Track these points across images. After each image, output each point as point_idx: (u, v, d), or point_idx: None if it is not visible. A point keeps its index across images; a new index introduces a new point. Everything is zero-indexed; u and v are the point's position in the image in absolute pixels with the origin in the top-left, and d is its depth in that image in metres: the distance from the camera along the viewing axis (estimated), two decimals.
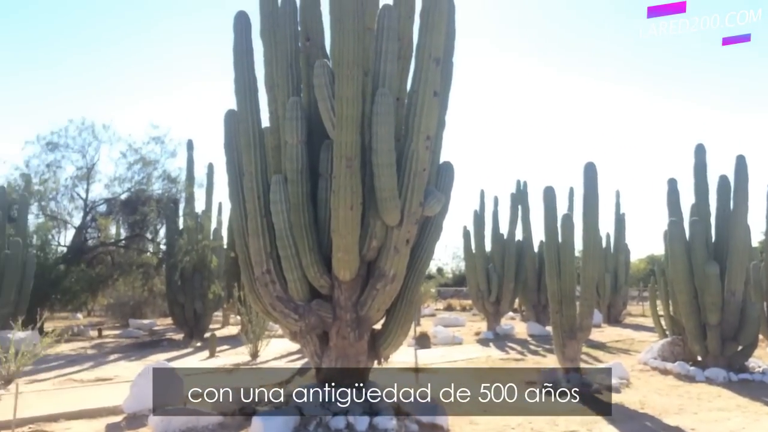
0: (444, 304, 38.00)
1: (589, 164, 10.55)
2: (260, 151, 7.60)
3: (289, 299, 7.54)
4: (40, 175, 21.34)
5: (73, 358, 15.07)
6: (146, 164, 21.91)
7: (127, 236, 23.02)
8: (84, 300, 22.52)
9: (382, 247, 7.32)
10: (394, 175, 6.93)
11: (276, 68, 7.60)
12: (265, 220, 7.48)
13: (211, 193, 20.91)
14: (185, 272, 19.46)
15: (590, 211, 10.57)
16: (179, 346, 17.85)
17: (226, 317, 25.91)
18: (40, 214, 21.52)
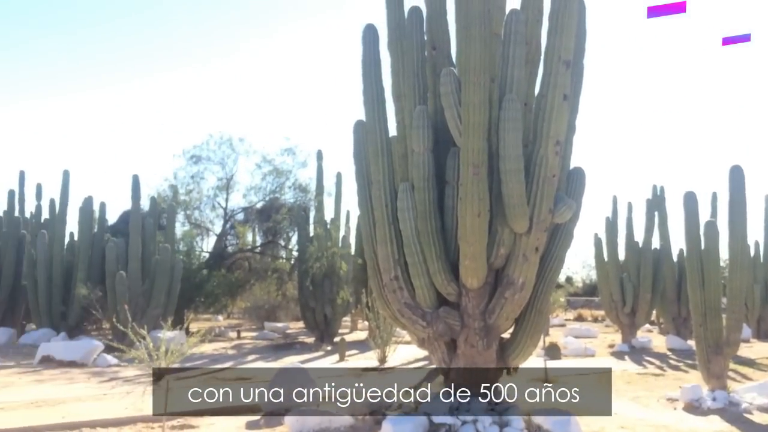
0: (574, 315, 36.71)
1: (736, 167, 9.83)
2: (388, 159, 7.74)
3: (416, 306, 7.61)
4: (185, 186, 23.03)
5: (215, 357, 16.04)
6: (279, 174, 23.03)
7: (262, 243, 24.25)
8: (224, 303, 23.96)
9: (510, 255, 7.21)
10: (522, 181, 6.82)
11: (403, 78, 7.72)
12: (392, 227, 7.59)
13: (340, 202, 21.56)
14: (316, 278, 20.17)
15: (737, 218, 9.85)
16: (311, 349, 18.50)
17: (354, 322, 26.53)
18: (186, 222, 23.21)
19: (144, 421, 8.56)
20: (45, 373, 12.92)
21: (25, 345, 17.89)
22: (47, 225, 20.51)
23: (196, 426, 8.29)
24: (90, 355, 14.24)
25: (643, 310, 20.44)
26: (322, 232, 20.28)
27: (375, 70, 7.81)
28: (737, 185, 9.82)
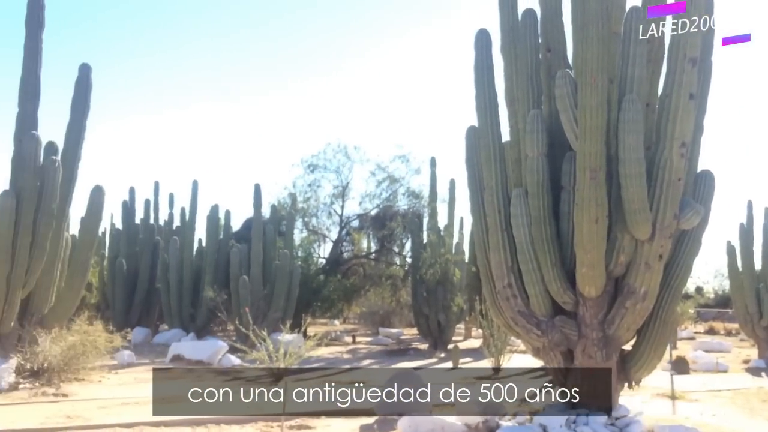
0: (705, 327, 34.41)
1: None
2: (501, 165, 7.64)
3: (531, 314, 7.44)
4: (303, 194, 23.86)
5: (331, 361, 16.43)
6: (393, 182, 23.32)
7: (377, 249, 24.62)
8: (340, 308, 24.53)
9: (631, 263, 6.90)
10: (643, 185, 6.51)
11: (516, 82, 7.60)
12: (506, 233, 7.48)
13: (453, 208, 21.48)
14: (429, 285, 20.19)
15: None
16: (424, 355, 18.52)
17: (468, 330, 26.32)
18: (304, 229, 24.03)
19: (264, 420, 8.91)
20: (176, 370, 13.75)
21: (158, 344, 19.15)
22: (178, 232, 21.94)
23: (312, 427, 8.54)
24: (216, 355, 15.01)
25: None
26: (435, 238, 20.30)
27: (488, 75, 7.75)
28: None
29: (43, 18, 11.33)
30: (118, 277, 21.69)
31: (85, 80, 11.84)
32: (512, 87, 7.66)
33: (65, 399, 9.72)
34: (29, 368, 10.68)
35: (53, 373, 10.71)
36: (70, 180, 11.58)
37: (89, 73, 11.94)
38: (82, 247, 12.31)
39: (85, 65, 11.93)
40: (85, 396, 9.99)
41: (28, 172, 10.93)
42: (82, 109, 11.74)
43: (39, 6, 11.27)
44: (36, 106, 11.39)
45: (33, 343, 10.81)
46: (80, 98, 11.75)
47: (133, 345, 17.31)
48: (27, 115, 11.30)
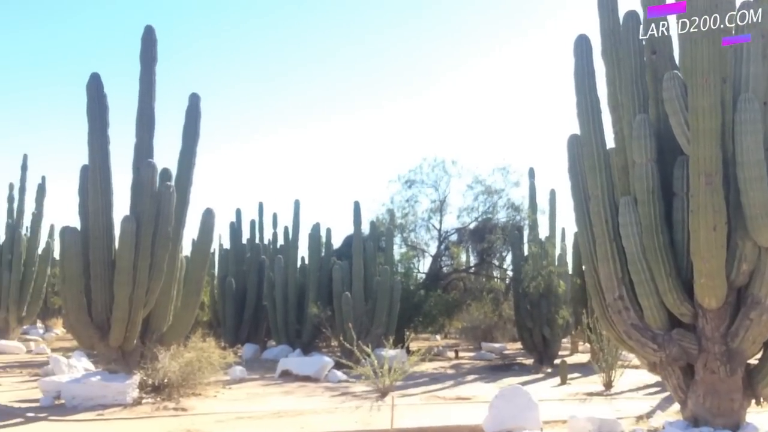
0: None
1: None
2: (606, 173, 7.42)
3: (645, 327, 7.15)
4: (401, 209, 24.03)
5: (435, 377, 16.37)
6: (491, 194, 23.07)
7: (476, 263, 24.38)
8: (441, 323, 24.43)
9: (754, 271, 6.51)
10: (765, 189, 6.14)
11: (619, 87, 7.37)
12: (614, 244, 7.24)
13: (555, 219, 20.98)
14: (532, 298, 19.77)
15: None
16: (529, 371, 18.11)
17: (574, 344, 25.51)
18: (403, 244, 24.16)
19: None
20: (284, 386, 14.14)
21: (267, 360, 19.76)
22: (282, 250, 22.65)
23: None
24: (322, 370, 15.32)
25: None
26: (537, 250, 19.89)
27: (589, 81, 7.57)
28: None
29: (156, 52, 12.12)
30: (227, 296, 22.64)
31: (194, 109, 12.53)
32: (615, 92, 7.44)
33: (185, 413, 10.20)
34: (150, 384, 11.29)
35: (173, 389, 11.26)
36: (183, 204, 12.25)
37: (198, 102, 12.62)
38: (195, 267, 12.96)
39: (194, 95, 12.63)
40: (202, 410, 10.45)
41: (146, 198, 11.65)
42: (192, 137, 12.43)
43: (152, 41, 12.07)
44: (151, 135, 12.15)
45: (153, 360, 11.43)
46: (191, 126, 12.45)
47: (243, 361, 17.96)
48: (143, 145, 12.07)
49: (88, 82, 11.80)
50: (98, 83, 11.82)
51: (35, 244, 23.37)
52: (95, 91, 11.75)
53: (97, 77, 11.85)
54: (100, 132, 11.72)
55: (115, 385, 10.73)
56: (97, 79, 11.84)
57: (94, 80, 11.81)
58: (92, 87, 11.76)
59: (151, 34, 12.07)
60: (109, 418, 9.76)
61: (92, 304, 11.42)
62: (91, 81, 11.79)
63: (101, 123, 11.75)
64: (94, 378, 11.00)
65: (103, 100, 11.79)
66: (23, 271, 22.98)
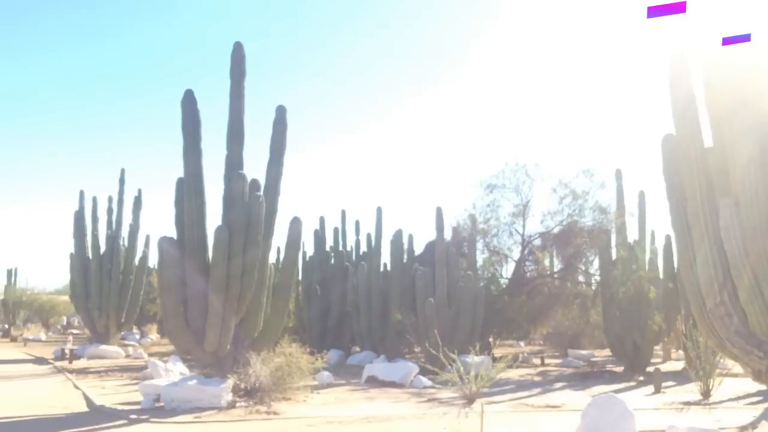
0: None
1: None
2: (705, 174, 7.13)
3: (750, 334, 6.82)
4: (483, 214, 23.83)
5: (521, 384, 16.12)
6: (576, 197, 22.55)
7: (562, 268, 23.86)
8: (526, 329, 24.03)
9: None
10: None
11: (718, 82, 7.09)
12: (715, 247, 6.95)
13: (644, 222, 20.27)
14: (622, 303, 19.16)
15: None
16: (620, 378, 17.55)
17: (666, 351, 24.54)
18: (485, 249, 23.95)
19: None
20: (371, 391, 14.27)
21: (351, 365, 20.02)
22: (365, 257, 22.94)
23: None
24: (408, 376, 15.37)
25: None
26: (625, 254, 19.27)
27: (685, 77, 7.32)
28: None
29: (245, 67, 12.59)
30: (312, 302, 23.11)
31: (281, 120, 12.92)
32: (714, 88, 7.15)
33: (276, 417, 10.48)
34: (243, 387, 11.66)
35: (264, 393, 11.59)
36: (271, 213, 12.63)
37: (285, 114, 13.01)
38: (284, 274, 13.33)
39: (281, 107, 13.03)
40: (293, 414, 10.70)
41: (237, 208, 12.09)
42: (279, 148, 12.82)
43: (241, 57, 12.54)
44: (241, 147, 12.62)
45: (246, 365, 11.80)
46: (278, 137, 12.85)
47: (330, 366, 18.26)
48: (234, 157, 12.54)
49: (183, 98, 12.40)
50: (192, 99, 12.38)
51: (132, 254, 24.59)
52: (189, 107, 12.32)
53: (191, 94, 12.42)
54: (193, 146, 12.26)
55: (211, 389, 11.13)
56: (191, 96, 12.40)
57: (188, 96, 12.38)
58: (187, 103, 12.34)
59: (240, 51, 12.56)
60: (206, 420, 10.14)
61: (188, 311, 11.90)
62: (186, 97, 12.37)
63: (195, 137, 12.29)
64: (191, 382, 11.45)
65: (196, 115, 12.35)
66: (121, 280, 24.24)
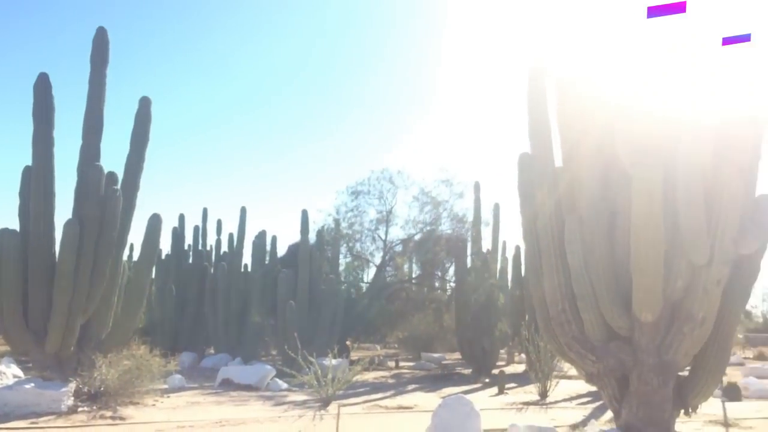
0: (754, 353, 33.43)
1: None
2: (554, 191, 7.71)
3: (585, 340, 7.44)
4: (347, 219, 24.18)
5: (376, 386, 16.47)
6: (436, 206, 23.49)
7: (420, 274, 24.72)
8: (384, 333, 24.63)
9: (688, 288, 6.87)
10: (702, 209, 6.51)
11: (569, 108, 7.69)
12: (560, 259, 7.52)
13: (498, 233, 21.51)
14: (473, 309, 20.17)
15: None
16: (468, 380, 18.43)
17: (510, 355, 26.11)
18: (348, 254, 24.29)
19: None
20: (225, 395, 13.97)
21: (205, 368, 19.46)
22: (226, 257, 22.42)
23: None
24: (264, 379, 15.20)
25: None
26: (479, 263, 20.32)
27: (540, 102, 7.87)
28: None
29: (108, 55, 11.89)
30: (167, 302, 22.20)
31: (144, 113, 12.34)
32: (565, 113, 7.75)
33: (122, 422, 9.99)
34: (87, 391, 11.01)
35: (110, 397, 11.02)
36: (129, 209, 12.01)
37: (149, 106, 12.44)
38: (139, 273, 12.72)
39: (145, 98, 12.43)
40: (141, 419, 10.24)
41: (91, 201, 11.38)
42: (141, 141, 12.22)
43: (104, 43, 11.83)
44: (99, 138, 11.89)
45: (91, 368, 11.15)
46: (140, 130, 12.25)
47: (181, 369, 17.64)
48: (90, 148, 11.80)
49: (36, 81, 11.50)
50: (46, 84, 11.53)
51: None
52: (42, 92, 11.46)
53: (45, 77, 11.56)
54: (44, 134, 11.43)
55: (50, 393, 10.41)
56: (45, 80, 11.54)
57: (42, 80, 11.50)
58: (39, 87, 11.46)
59: (103, 36, 11.83)
60: (43, 426, 9.47)
61: (29, 309, 11.06)
62: (39, 81, 11.48)
63: (47, 125, 11.46)
64: (28, 385, 10.64)
65: (50, 101, 11.51)
66: None
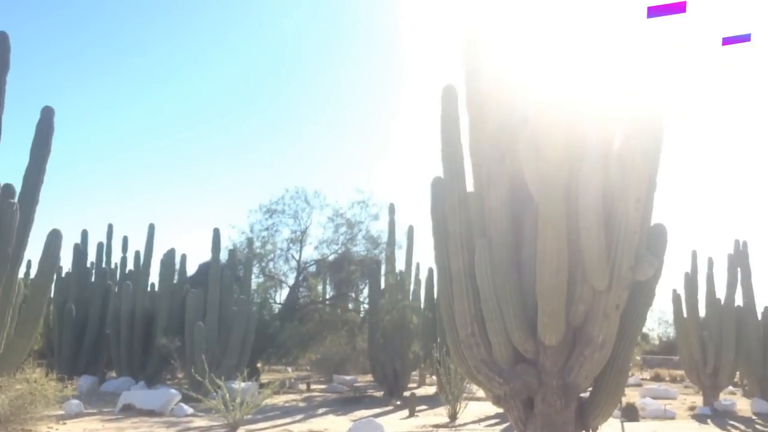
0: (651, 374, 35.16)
1: None
2: (465, 215, 7.86)
3: (493, 362, 7.57)
4: (261, 238, 23.80)
5: (286, 410, 16.19)
6: (351, 227, 23.51)
7: (333, 295, 24.60)
8: (296, 355, 24.27)
9: (589, 312, 7.13)
10: (602, 238, 6.79)
11: (480, 136, 7.87)
12: (470, 282, 7.65)
13: (411, 255, 21.73)
14: (386, 331, 20.23)
15: None
16: (380, 403, 18.42)
17: (422, 377, 26.31)
18: (261, 274, 23.88)
19: None
20: (126, 421, 13.36)
21: (106, 392, 18.54)
22: (131, 276, 21.50)
23: None
24: (168, 404, 14.63)
25: (725, 371, 19.47)
26: (393, 284, 20.44)
27: (453, 128, 8.03)
28: None
29: (8, 60, 11.20)
30: (66, 323, 21.00)
31: (46, 122, 11.68)
32: (477, 140, 7.93)
33: None
34: None
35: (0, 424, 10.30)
36: (26, 223, 11.28)
37: (52, 116, 11.78)
38: (36, 292, 11.95)
39: (47, 108, 11.77)
40: None
41: None
42: (42, 153, 11.53)
43: (5, 48, 11.15)
44: None
45: None
46: (41, 141, 11.56)
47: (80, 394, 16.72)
48: None
49: None
50: None
51: None
52: None
53: None
54: None
55: None
56: None
57: None
58: None
59: (5, 41, 11.13)
60: None
61: None
62: None
63: None
64: None
65: None
66: None
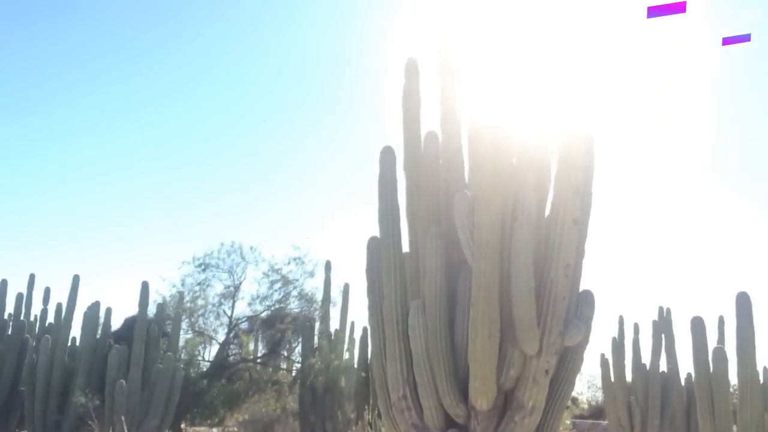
0: None
1: (743, 294, 9.94)
2: (400, 276, 7.88)
3: (424, 427, 7.49)
4: (192, 292, 23.11)
5: None
6: (286, 283, 23.15)
7: (265, 353, 23.97)
8: (223, 415, 23.37)
9: (520, 377, 7.18)
10: (533, 303, 6.91)
11: (417, 198, 7.99)
12: (403, 344, 7.61)
13: (346, 313, 21.47)
14: (317, 391, 19.78)
15: (746, 344, 9.86)
16: None
17: None
18: (190, 329, 23.09)
19: None
20: None
21: None
22: (51, 329, 20.40)
23: None
24: None
25: None
26: (326, 343, 20.12)
27: (391, 189, 8.12)
28: (744, 312, 9.91)
29: None
30: None
31: None
32: (414, 202, 8.04)
33: None
34: None
35: None
36: None
37: None
38: None
39: None
40: None
41: None
42: None
43: None
44: None
45: None
46: None
47: None
48: None
49: None
50: None
51: None
52: None
53: None
54: None
55: None
56: None
57: None
58: None
59: None
60: None
61: None
62: None
63: None
64: None
65: None
66: None
